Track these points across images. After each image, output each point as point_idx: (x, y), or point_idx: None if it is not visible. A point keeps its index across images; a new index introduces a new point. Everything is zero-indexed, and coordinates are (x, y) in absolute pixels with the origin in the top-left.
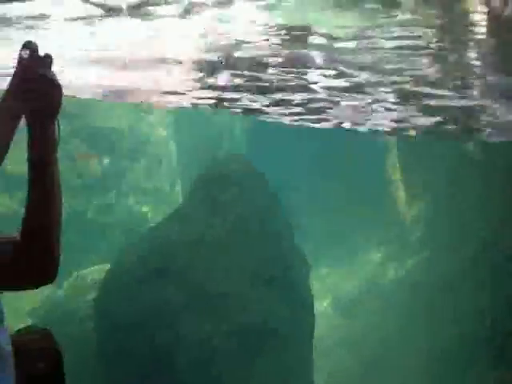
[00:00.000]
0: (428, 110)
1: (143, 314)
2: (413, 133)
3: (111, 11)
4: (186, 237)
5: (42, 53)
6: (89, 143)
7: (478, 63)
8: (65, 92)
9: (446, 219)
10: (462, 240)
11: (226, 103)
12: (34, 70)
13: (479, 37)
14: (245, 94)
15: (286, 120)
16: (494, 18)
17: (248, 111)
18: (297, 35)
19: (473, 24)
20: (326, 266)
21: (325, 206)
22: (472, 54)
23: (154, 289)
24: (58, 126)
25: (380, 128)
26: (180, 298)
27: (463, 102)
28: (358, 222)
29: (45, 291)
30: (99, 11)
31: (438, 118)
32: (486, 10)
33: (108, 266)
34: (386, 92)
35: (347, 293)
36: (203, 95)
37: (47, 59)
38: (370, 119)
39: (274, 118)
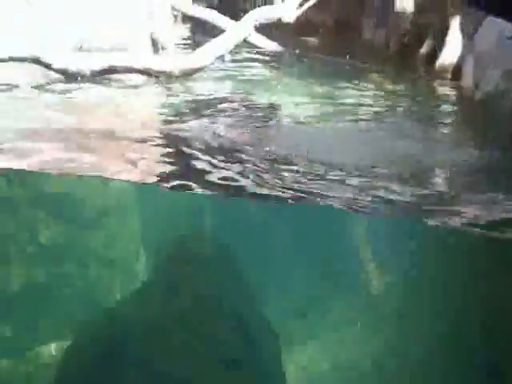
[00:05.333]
0: None
1: None
2: None
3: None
4: (146, 315)
5: None
6: (48, 211)
7: None
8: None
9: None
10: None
11: None
12: None
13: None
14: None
15: None
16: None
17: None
18: None
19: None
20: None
21: (295, 282)
22: None
23: (111, 370)
24: None
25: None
26: (138, 381)
27: None
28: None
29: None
30: None
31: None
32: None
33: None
34: None
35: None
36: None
37: None
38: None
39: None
